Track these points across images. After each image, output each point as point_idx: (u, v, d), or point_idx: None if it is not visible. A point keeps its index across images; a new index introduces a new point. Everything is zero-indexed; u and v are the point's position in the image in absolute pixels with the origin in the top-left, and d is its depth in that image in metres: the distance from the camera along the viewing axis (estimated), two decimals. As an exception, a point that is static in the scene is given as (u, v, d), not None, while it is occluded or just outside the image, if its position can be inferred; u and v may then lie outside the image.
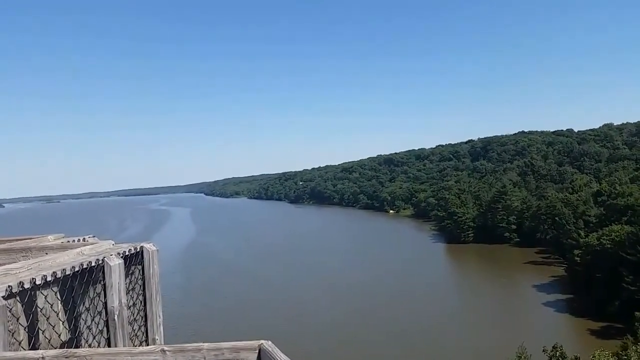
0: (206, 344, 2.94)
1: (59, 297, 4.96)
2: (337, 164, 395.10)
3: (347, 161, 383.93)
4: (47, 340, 4.59)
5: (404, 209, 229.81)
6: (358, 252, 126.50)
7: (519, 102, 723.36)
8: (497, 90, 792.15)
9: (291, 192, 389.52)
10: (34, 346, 4.96)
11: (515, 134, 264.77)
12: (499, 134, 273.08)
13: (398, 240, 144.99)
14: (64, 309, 5.03)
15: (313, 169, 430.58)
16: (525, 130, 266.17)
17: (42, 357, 2.82)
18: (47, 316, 4.40)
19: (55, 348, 4.93)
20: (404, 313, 71.74)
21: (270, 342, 2.82)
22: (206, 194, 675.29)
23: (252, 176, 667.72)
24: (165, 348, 2.91)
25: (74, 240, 7.01)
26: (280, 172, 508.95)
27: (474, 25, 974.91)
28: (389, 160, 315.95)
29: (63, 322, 4.76)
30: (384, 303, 77.40)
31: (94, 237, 7.62)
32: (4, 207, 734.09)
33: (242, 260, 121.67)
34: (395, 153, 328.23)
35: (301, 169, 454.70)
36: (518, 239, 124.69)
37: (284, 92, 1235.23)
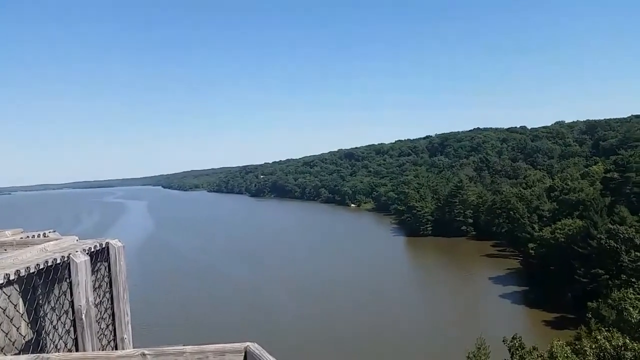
0: (189, 347, 2.84)
1: (21, 296, 4.72)
2: (298, 157, 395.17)
3: (308, 155, 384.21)
4: (10, 342, 4.35)
5: (365, 202, 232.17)
6: (321, 246, 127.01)
7: (475, 99, 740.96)
8: (454, 86, 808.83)
9: (252, 186, 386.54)
10: (-5, 349, 4.70)
11: (471, 130, 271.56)
12: (456, 130, 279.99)
13: (359, 234, 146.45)
14: (27, 308, 4.78)
15: (274, 162, 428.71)
16: (481, 127, 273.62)
17: (12, 363, 2.66)
18: (11, 317, 4.17)
19: (19, 350, 4.69)
20: (364, 306, 72.60)
21: (257, 344, 2.74)
22: (164, 187, 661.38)
23: (212, 169, 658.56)
24: (146, 351, 2.79)
25: (33, 236, 6.69)
26: (241, 165, 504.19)
27: (430, 19, 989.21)
28: (350, 155, 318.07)
29: (27, 323, 4.52)
30: (347, 297, 78.12)
31: (55, 232, 7.29)
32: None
33: (202, 257, 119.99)
34: (356, 147, 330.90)
35: (262, 163, 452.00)
36: (474, 233, 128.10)
37: (247, 86, 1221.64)
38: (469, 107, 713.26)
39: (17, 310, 4.28)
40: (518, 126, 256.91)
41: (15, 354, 4.25)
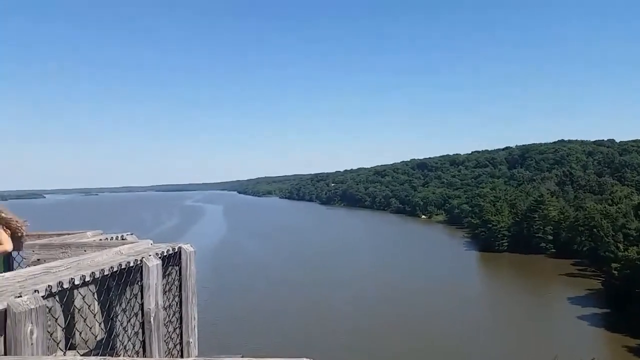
0: (246, 359, 2.78)
1: (96, 296, 4.93)
2: (369, 166, 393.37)
3: (379, 164, 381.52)
4: (83, 340, 4.55)
5: (437, 214, 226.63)
6: (391, 258, 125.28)
7: (559, 109, 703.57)
8: (537, 96, 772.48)
9: (322, 193, 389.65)
10: (71, 346, 4.94)
11: (554, 142, 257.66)
12: (538, 142, 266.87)
13: (430, 247, 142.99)
14: (100, 309, 5.00)
15: (345, 171, 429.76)
16: (565, 139, 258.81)
17: (79, 365, 2.71)
18: (85, 317, 4.37)
19: (91, 349, 4.90)
20: (435, 322, 70.60)
21: (314, 362, 2.63)
22: (239, 192, 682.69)
23: (285, 176, 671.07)
24: (204, 362, 2.76)
25: (112, 238, 7.02)
26: (313, 173, 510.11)
27: (512, 27, 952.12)
28: (423, 165, 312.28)
29: (99, 323, 4.73)
30: (416, 311, 76.40)
31: (132, 234, 7.63)
32: (44, 197, 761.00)
33: (273, 261, 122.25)
34: (429, 158, 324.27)
35: (333, 171, 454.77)
36: (554, 250, 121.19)
37: (318, 94, 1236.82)
38: (552, 116, 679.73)
39: (91, 311, 4.48)
40: (605, 139, 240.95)
41: (86, 353, 4.46)
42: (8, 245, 6.51)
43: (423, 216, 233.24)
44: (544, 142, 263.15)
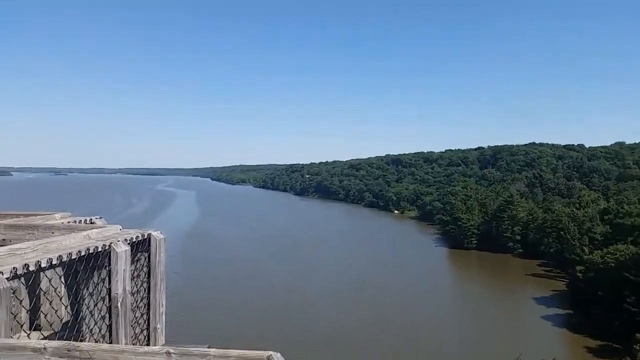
0: (213, 350, 2.82)
1: (62, 280, 4.88)
2: (344, 160, 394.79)
3: (354, 158, 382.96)
4: (48, 323, 4.52)
5: (409, 210, 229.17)
6: (361, 250, 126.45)
7: (532, 112, 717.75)
8: (509, 99, 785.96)
9: (297, 184, 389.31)
10: (35, 327, 4.89)
11: (525, 144, 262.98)
12: (510, 144, 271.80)
13: (401, 241, 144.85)
14: (67, 292, 4.95)
15: (320, 163, 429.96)
16: (537, 142, 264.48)
17: (44, 348, 2.71)
18: (50, 299, 4.33)
19: (56, 331, 4.86)
20: (400, 317, 71.66)
21: (279, 355, 2.69)
22: (212, 179, 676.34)
23: (260, 165, 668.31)
24: (171, 350, 2.79)
25: (80, 221, 6.92)
26: (288, 163, 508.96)
27: (486, 31, 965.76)
28: (397, 161, 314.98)
29: (65, 306, 4.69)
30: (383, 306, 77.38)
31: (100, 218, 7.53)
32: (12, 175, 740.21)
33: (245, 249, 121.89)
34: (404, 154, 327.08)
35: (308, 162, 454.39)
36: (521, 250, 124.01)
37: (296, 89, 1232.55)
38: (525, 119, 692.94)
39: (57, 294, 4.44)
40: (575, 144, 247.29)
41: (51, 335, 4.42)
42: None
43: (396, 211, 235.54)
44: (516, 144, 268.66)
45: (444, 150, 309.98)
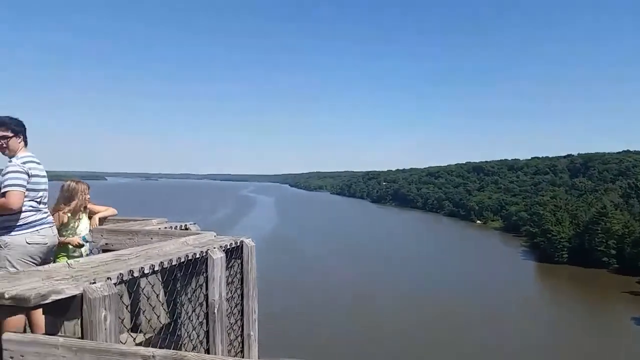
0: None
1: (163, 285, 5.01)
2: (422, 167, 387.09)
3: (432, 165, 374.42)
4: (148, 325, 4.64)
5: (493, 220, 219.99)
6: (446, 264, 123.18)
7: (626, 117, 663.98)
8: (601, 102, 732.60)
9: (374, 192, 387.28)
10: (136, 329, 5.04)
11: (619, 152, 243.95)
12: (602, 152, 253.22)
13: (486, 254, 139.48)
14: (165, 296, 5.08)
15: (397, 170, 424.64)
16: (631, 150, 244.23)
17: (153, 356, 2.69)
18: (150, 303, 4.44)
19: (156, 333, 4.99)
20: (487, 334, 68.81)
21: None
22: (290, 185, 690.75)
23: (337, 172, 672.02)
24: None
25: (176, 227, 7.16)
26: (364, 170, 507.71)
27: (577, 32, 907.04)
28: (479, 168, 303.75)
29: (164, 310, 4.81)
30: (470, 322, 74.74)
31: (194, 224, 7.75)
32: (106, 179, 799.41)
33: (326, 257, 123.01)
34: (486, 161, 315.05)
35: (385, 170, 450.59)
36: (617, 265, 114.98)
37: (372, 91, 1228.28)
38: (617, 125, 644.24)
39: (158, 299, 4.55)
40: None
41: (151, 337, 4.56)
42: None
43: (478, 221, 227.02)
44: (608, 151, 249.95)
45: (529, 158, 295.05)
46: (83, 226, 6.78)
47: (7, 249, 5.77)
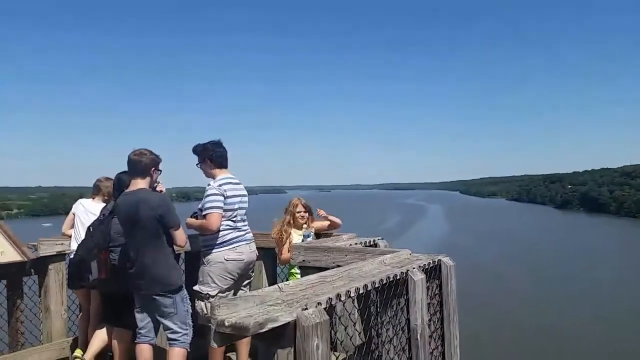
0: None
1: (355, 304, 4.84)
2: (615, 167, 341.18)
3: (629, 164, 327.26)
4: (342, 348, 4.50)
5: None
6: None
7: None
8: None
9: (557, 197, 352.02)
10: (333, 348, 4.94)
11: None
12: None
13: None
14: (361, 317, 4.89)
15: (585, 171, 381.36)
16: None
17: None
18: (345, 324, 4.28)
19: (349, 353, 4.86)
20: None
21: None
22: (461, 192, 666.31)
23: (512, 176, 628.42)
24: None
25: (365, 242, 7.01)
26: (545, 173, 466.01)
27: None
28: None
29: (359, 332, 4.63)
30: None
31: (382, 239, 7.53)
32: (286, 192, 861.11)
33: (509, 276, 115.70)
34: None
35: (571, 172, 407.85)
36: None
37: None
38: None
39: (350, 319, 4.39)
40: None
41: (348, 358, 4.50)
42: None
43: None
44: None
45: None
46: (295, 241, 7.20)
47: (209, 266, 6.25)
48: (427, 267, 5.12)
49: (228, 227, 6.18)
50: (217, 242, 6.15)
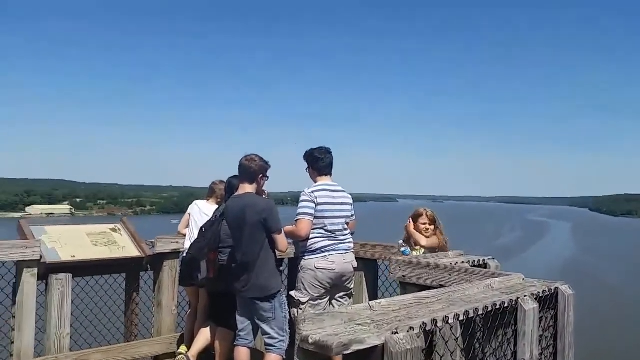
0: None
1: (454, 332, 4.45)
2: None
3: None
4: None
5: None
6: None
7: None
8: None
9: None
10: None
11: None
12: None
13: None
14: (460, 347, 4.48)
15: None
16: None
17: None
18: (442, 354, 3.92)
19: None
20: None
21: None
22: (590, 210, 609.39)
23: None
24: None
25: (473, 262, 6.52)
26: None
27: None
28: None
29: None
30: None
31: (493, 259, 6.96)
32: (397, 201, 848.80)
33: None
34: None
35: None
36: None
37: None
38: None
39: (448, 348, 4.01)
40: None
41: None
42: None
43: None
44: None
45: None
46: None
47: (302, 272, 6.22)
48: (541, 295, 4.56)
49: (320, 235, 6.10)
50: (309, 250, 6.12)
